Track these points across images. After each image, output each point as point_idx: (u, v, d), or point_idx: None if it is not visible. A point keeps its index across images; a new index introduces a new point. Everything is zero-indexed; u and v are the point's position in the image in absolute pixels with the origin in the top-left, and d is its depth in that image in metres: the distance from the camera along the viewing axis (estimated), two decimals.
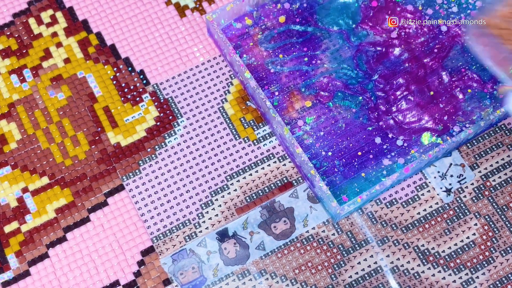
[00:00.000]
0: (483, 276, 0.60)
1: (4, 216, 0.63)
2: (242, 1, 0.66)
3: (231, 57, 0.64)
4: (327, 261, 0.60)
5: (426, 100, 0.64)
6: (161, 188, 0.63)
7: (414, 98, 0.64)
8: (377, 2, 0.69)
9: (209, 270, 0.60)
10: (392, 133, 0.63)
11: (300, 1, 0.69)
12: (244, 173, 0.64)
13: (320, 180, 0.58)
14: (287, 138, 0.60)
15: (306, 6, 0.69)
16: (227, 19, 0.67)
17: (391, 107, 0.64)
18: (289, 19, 0.68)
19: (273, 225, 0.62)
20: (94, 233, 0.62)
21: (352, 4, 0.69)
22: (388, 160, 0.62)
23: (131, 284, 0.60)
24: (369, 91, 0.65)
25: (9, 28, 0.70)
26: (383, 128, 0.64)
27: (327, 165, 0.62)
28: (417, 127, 0.64)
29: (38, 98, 0.67)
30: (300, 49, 0.67)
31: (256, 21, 0.68)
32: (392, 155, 0.62)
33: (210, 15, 0.65)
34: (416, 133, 0.63)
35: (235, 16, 0.68)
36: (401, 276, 0.60)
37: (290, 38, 0.68)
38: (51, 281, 0.60)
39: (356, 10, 0.69)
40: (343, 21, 0.68)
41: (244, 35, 0.68)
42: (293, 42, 0.68)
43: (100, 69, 0.68)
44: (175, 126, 0.66)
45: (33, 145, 0.65)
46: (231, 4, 0.66)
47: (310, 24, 0.68)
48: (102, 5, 0.71)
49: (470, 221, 0.62)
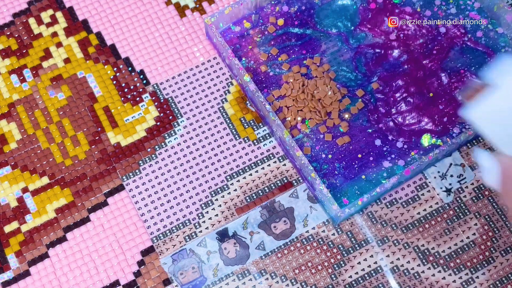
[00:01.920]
0: (483, 276, 0.60)
1: (4, 216, 0.63)
2: (241, 4, 0.66)
3: (230, 60, 0.64)
4: (327, 261, 0.60)
5: (426, 102, 0.64)
6: (161, 188, 0.63)
7: (413, 100, 0.64)
8: (375, 4, 0.69)
9: (209, 270, 0.60)
10: (392, 135, 0.63)
11: (299, 4, 0.69)
12: (244, 173, 0.64)
13: (321, 183, 0.58)
14: (287, 141, 0.60)
15: (305, 9, 0.69)
16: (225, 22, 0.67)
17: (391, 109, 0.64)
18: (287, 21, 0.68)
19: (273, 225, 0.62)
20: (94, 233, 0.62)
21: (351, 7, 0.69)
22: (388, 162, 0.62)
23: (131, 284, 0.60)
24: (369, 93, 0.65)
25: (9, 28, 0.70)
26: (383, 130, 0.64)
27: (327, 167, 0.62)
28: (417, 129, 0.64)
29: (38, 98, 0.67)
30: (299, 51, 0.67)
31: (255, 24, 0.68)
32: (392, 157, 0.62)
33: (208, 19, 0.65)
34: (416, 135, 0.63)
35: (233, 19, 0.68)
36: (401, 276, 0.60)
37: (288, 41, 0.68)
38: (51, 281, 0.60)
39: (354, 12, 0.69)
40: (342, 24, 0.68)
41: (243, 38, 0.68)
42: (292, 45, 0.68)
43: (100, 69, 0.68)
44: (175, 126, 0.66)
45: (33, 145, 0.65)
46: (229, 7, 0.66)
47: (308, 26, 0.68)
48: (102, 5, 0.71)
49: (470, 221, 0.62)
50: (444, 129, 0.63)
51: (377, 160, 0.62)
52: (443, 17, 0.68)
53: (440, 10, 0.68)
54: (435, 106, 0.64)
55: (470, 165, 0.64)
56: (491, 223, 0.61)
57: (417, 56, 0.66)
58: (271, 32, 0.68)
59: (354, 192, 0.61)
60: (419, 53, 0.67)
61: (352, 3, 0.69)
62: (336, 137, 0.63)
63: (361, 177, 0.62)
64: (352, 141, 0.63)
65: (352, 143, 0.63)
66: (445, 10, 0.68)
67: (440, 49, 0.67)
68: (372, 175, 0.62)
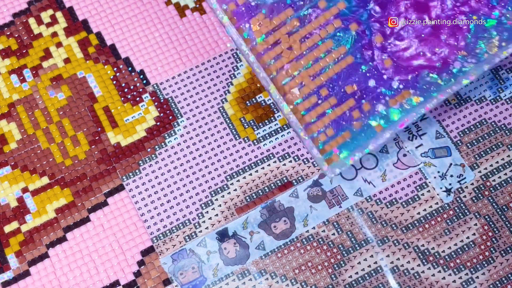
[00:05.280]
0: (483, 276, 0.60)
1: (4, 216, 0.63)
2: None
3: None
4: (327, 261, 0.60)
5: (426, 32, 0.57)
6: (161, 188, 0.63)
7: (413, 29, 0.57)
8: None
9: (209, 270, 0.60)
10: (387, 73, 0.57)
11: None
12: (244, 173, 0.64)
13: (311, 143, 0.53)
14: (272, 95, 0.54)
15: None
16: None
17: (387, 41, 0.57)
18: None
19: (273, 225, 0.62)
20: (94, 233, 0.62)
21: None
22: (382, 106, 0.56)
23: (131, 284, 0.60)
24: (364, 23, 0.57)
25: (9, 28, 0.70)
26: (378, 69, 0.56)
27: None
28: (415, 65, 0.57)
29: (38, 98, 0.67)
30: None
31: None
32: (386, 99, 0.56)
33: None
34: (413, 72, 0.56)
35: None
36: (401, 276, 0.60)
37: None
38: (51, 281, 0.60)
39: None
40: None
41: None
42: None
43: (100, 69, 0.68)
44: (175, 126, 0.66)
45: (33, 145, 0.65)
46: None
47: None
48: (102, 5, 0.71)
49: (470, 221, 0.62)
50: (444, 64, 0.56)
51: (370, 103, 0.56)
52: None
53: None
54: (436, 36, 0.57)
55: (470, 165, 0.64)
56: (491, 223, 0.61)
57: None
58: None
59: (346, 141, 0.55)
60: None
61: None
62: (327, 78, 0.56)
63: (352, 124, 0.56)
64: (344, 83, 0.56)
65: (344, 86, 0.56)
66: None
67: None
68: (364, 120, 0.56)
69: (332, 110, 0.56)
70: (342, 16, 0.57)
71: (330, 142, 0.56)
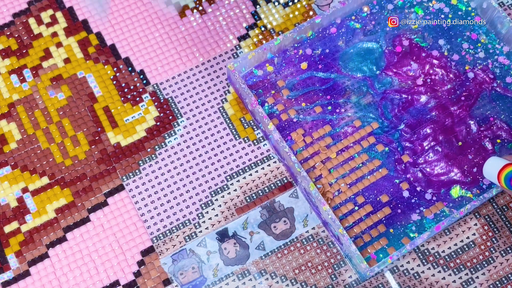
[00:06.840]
0: (483, 276, 0.60)
1: (4, 216, 0.63)
2: (264, 49, 0.63)
3: (253, 107, 0.62)
4: (327, 261, 0.60)
5: (455, 151, 0.62)
6: (161, 188, 0.63)
7: (442, 148, 0.62)
8: (401, 48, 0.66)
9: (209, 270, 0.60)
10: (421, 186, 0.61)
11: (322, 47, 0.66)
12: (244, 173, 0.64)
13: (349, 239, 0.56)
14: (313, 194, 0.58)
15: (329, 52, 0.66)
16: (248, 66, 0.65)
17: (418, 159, 0.62)
18: (311, 65, 0.66)
19: (273, 225, 0.62)
20: (94, 233, 0.62)
21: (376, 50, 0.66)
22: (417, 215, 0.60)
23: (131, 284, 0.60)
24: (396, 141, 0.63)
25: (9, 28, 0.70)
26: (411, 181, 0.61)
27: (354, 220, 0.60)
28: (446, 179, 0.61)
29: (38, 98, 0.67)
30: (323, 97, 0.64)
31: (278, 68, 0.66)
32: (420, 209, 0.60)
33: (231, 65, 0.62)
34: (444, 186, 0.61)
35: (256, 63, 0.65)
36: (401, 276, 0.60)
37: (313, 85, 0.65)
38: (51, 281, 0.60)
39: (380, 55, 0.66)
40: (367, 67, 0.65)
41: (265, 83, 0.65)
42: (316, 90, 0.65)
43: (100, 69, 0.68)
44: (175, 126, 0.66)
45: (33, 145, 0.65)
46: (252, 53, 0.63)
47: (333, 70, 0.65)
48: (102, 5, 0.71)
49: (470, 221, 0.62)
50: (473, 180, 0.61)
51: (405, 213, 0.60)
52: (471, 61, 0.65)
53: (468, 54, 0.66)
54: (464, 155, 0.61)
55: None
56: (491, 223, 0.61)
57: (445, 103, 0.64)
58: (295, 76, 0.65)
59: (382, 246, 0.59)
60: (447, 99, 0.64)
61: (377, 46, 0.66)
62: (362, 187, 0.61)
63: (389, 231, 0.59)
64: (379, 193, 0.61)
65: (379, 195, 0.61)
66: (473, 54, 0.66)
67: (468, 95, 0.64)
68: (400, 228, 0.59)
69: (368, 217, 0.60)
70: (376, 135, 0.63)
71: (368, 247, 0.59)
